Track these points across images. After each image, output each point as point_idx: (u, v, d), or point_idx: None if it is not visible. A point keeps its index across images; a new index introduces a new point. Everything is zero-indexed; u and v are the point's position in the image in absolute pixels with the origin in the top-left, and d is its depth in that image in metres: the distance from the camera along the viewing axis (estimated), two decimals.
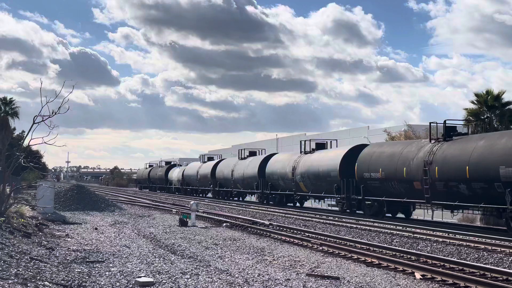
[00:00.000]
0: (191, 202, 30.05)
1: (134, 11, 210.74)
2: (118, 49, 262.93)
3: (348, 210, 34.49)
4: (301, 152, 42.47)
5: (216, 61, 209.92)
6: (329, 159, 37.01)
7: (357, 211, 34.16)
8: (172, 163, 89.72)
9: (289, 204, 44.77)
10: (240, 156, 55.53)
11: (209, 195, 67.16)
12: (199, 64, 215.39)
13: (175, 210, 37.09)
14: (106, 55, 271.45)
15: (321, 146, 42.62)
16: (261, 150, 58.04)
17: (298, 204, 44.23)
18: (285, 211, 36.83)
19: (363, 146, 35.74)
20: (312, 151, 41.43)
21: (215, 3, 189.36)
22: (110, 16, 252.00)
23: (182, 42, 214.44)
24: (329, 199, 40.78)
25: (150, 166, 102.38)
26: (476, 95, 38.36)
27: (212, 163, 63.22)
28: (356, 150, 35.06)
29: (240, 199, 57.56)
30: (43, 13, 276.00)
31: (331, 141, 44.40)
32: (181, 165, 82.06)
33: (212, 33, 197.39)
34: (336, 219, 30.65)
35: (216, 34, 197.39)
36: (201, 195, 68.81)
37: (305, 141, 43.45)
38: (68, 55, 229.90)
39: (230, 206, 43.61)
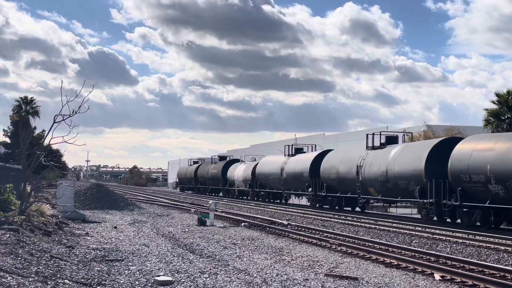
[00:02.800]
0: (210, 202, 30.11)
1: (151, 10, 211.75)
2: (136, 49, 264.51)
3: None
4: None
5: (234, 60, 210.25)
6: None
7: None
8: (228, 157, 73.62)
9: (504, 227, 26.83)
10: (369, 145, 36.90)
11: (298, 200, 51.43)
12: (216, 63, 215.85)
13: (194, 210, 37.20)
14: (124, 55, 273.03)
15: None
16: (400, 136, 38.04)
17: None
18: (303, 211, 36.75)
19: None
20: None
21: (231, 3, 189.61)
22: (127, 17, 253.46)
23: (199, 42, 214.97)
24: None
25: (195, 162, 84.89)
26: (497, 95, 38.01)
27: (311, 156, 45.28)
28: None
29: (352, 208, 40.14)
30: (61, 12, 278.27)
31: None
32: (243, 161, 65.42)
33: (229, 33, 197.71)
34: (355, 219, 30.55)
35: (233, 34, 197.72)
36: (282, 201, 51.92)
37: None
38: (87, 54, 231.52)
39: (248, 206, 43.58)
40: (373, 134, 37.61)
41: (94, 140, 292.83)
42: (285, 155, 50.21)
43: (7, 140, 76.18)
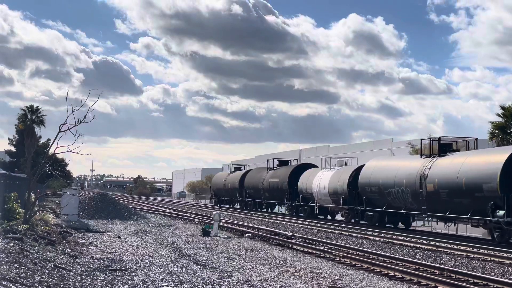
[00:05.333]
0: (214, 212, 30.09)
1: (155, 21, 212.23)
2: (139, 59, 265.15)
3: None
4: None
5: (238, 71, 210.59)
6: None
7: None
8: (290, 162, 56.40)
9: None
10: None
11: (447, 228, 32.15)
12: (220, 74, 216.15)
13: (198, 220, 37.16)
14: (128, 65, 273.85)
15: None
16: None
17: None
18: (308, 223, 36.63)
19: None
20: None
21: (235, 13, 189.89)
22: (131, 27, 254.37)
23: (203, 52, 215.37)
24: None
25: (236, 168, 67.85)
26: (502, 108, 37.97)
27: (497, 156, 25.97)
28: None
29: None
30: (65, 22, 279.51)
31: None
32: (315, 166, 49.72)
33: (233, 43, 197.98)
34: (359, 231, 30.47)
35: (237, 44, 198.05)
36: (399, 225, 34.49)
37: None
38: (91, 63, 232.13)
39: (253, 217, 43.53)
40: None
41: (99, 150, 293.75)
42: (421, 156, 31.66)
43: (12, 148, 76.36)
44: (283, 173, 50.30)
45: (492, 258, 19.64)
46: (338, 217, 42.96)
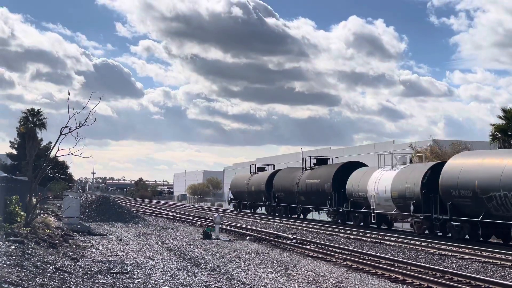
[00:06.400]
0: (215, 215, 30.08)
1: (155, 24, 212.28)
2: (140, 62, 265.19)
3: None
4: None
5: (238, 74, 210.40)
6: None
7: None
8: (330, 160, 47.82)
9: None
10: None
11: None
12: (221, 77, 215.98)
13: (199, 223, 37.15)
14: (129, 67, 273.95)
15: None
16: None
17: None
18: (309, 225, 36.64)
19: None
20: None
21: (235, 15, 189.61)
22: (132, 30, 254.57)
23: (204, 55, 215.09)
24: None
25: (259, 169, 62.08)
26: (504, 110, 37.97)
27: None
28: None
29: None
30: (65, 24, 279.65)
31: None
32: (364, 165, 41.25)
33: (233, 46, 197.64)
34: (360, 234, 30.45)
35: (238, 47, 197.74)
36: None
37: None
38: (92, 66, 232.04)
39: (254, 220, 43.51)
40: None
41: (100, 152, 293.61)
42: None
43: (14, 151, 76.38)
44: (324, 173, 42.15)
45: (494, 261, 19.63)
46: (397, 225, 37.16)
